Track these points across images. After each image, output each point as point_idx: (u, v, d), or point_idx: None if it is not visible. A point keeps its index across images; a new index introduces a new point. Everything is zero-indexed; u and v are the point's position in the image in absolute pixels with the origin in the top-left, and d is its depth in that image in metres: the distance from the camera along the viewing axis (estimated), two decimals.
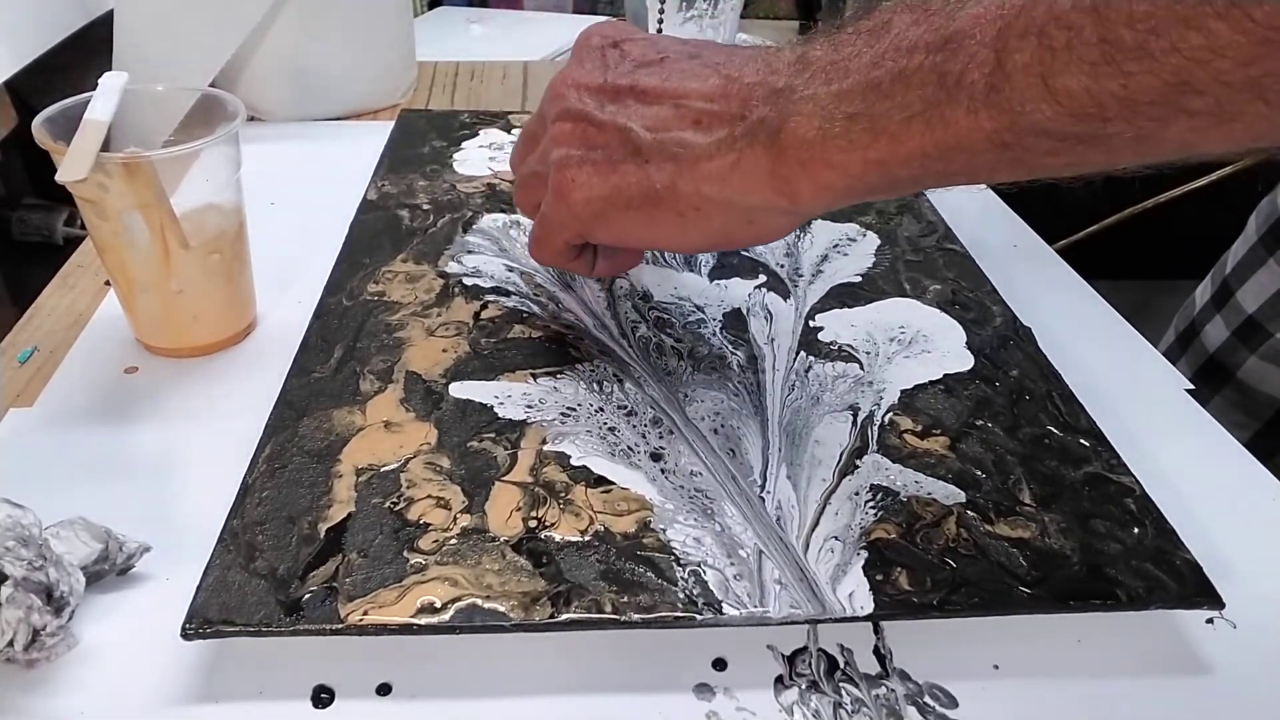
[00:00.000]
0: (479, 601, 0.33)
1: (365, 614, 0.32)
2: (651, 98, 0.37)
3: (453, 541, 0.35)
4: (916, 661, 0.34)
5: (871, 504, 0.38)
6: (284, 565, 0.34)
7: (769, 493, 0.38)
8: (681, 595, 0.33)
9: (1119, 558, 0.36)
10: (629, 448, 0.40)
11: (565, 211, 0.39)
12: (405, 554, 0.34)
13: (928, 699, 0.33)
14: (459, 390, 0.43)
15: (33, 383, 0.46)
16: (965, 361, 0.47)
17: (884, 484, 0.39)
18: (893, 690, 0.33)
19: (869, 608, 0.33)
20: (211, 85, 0.61)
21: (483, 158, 0.67)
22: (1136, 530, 0.37)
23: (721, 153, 0.35)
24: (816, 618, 0.33)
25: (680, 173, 0.36)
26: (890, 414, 0.43)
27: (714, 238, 0.38)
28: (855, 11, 0.32)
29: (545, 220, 0.41)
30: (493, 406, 0.42)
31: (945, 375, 0.46)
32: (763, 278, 0.53)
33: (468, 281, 0.52)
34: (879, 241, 0.58)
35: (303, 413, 0.41)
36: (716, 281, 0.53)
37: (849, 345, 0.48)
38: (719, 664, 0.34)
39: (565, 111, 0.39)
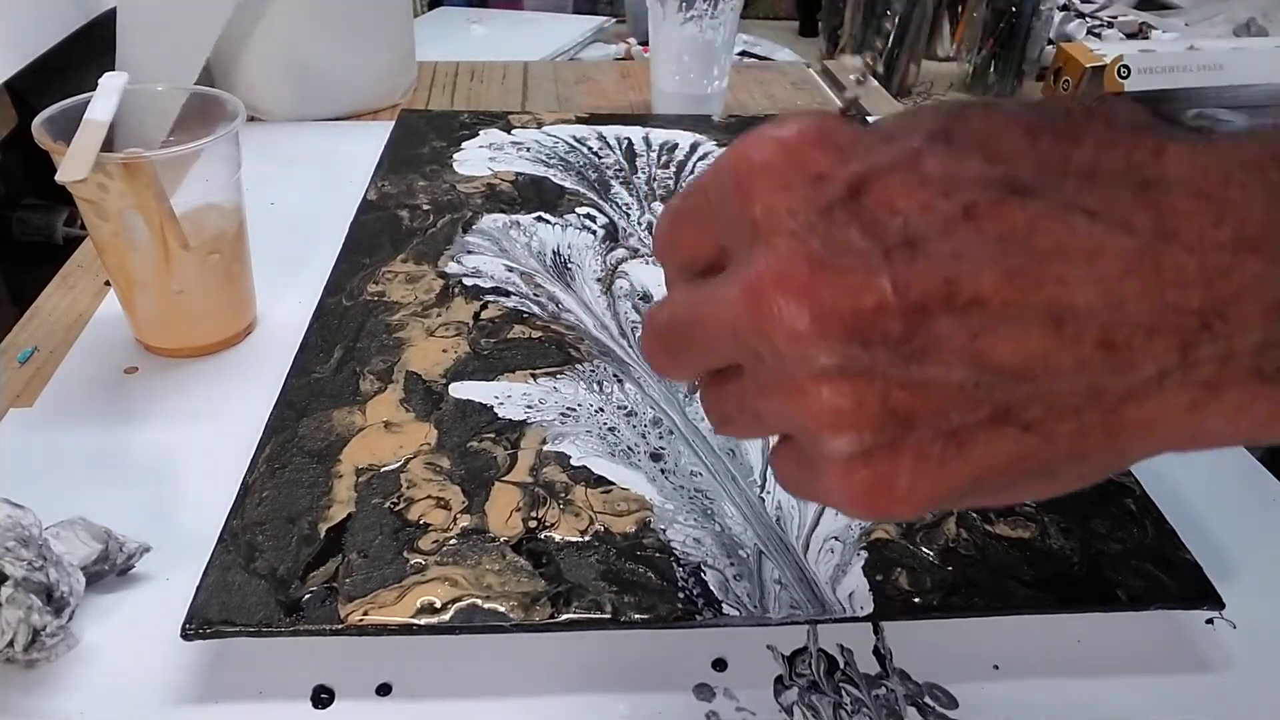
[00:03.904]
0: (479, 601, 0.33)
1: (365, 614, 0.32)
2: (999, 312, 0.19)
3: (453, 542, 0.35)
4: (916, 661, 0.34)
5: None
6: (284, 565, 0.34)
7: (769, 493, 0.38)
8: (681, 595, 0.33)
9: (1119, 558, 0.36)
10: (629, 448, 0.40)
11: (867, 513, 0.22)
12: (405, 554, 0.34)
13: (928, 699, 0.33)
14: (459, 390, 0.43)
15: (33, 383, 0.46)
16: None
17: None
18: (893, 690, 0.33)
19: (869, 608, 0.33)
20: (212, 85, 0.61)
21: (483, 158, 0.67)
22: (1136, 530, 0.37)
23: (1171, 390, 0.19)
24: (816, 618, 0.33)
25: (1089, 432, 0.20)
26: None
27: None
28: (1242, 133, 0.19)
29: (801, 488, 0.24)
30: (493, 407, 0.42)
31: None
32: None
33: (468, 281, 0.52)
34: None
35: (303, 413, 0.41)
36: None
37: None
38: (719, 664, 0.34)
39: (826, 372, 0.20)
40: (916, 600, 0.34)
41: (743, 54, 1.31)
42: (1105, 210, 0.18)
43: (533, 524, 0.36)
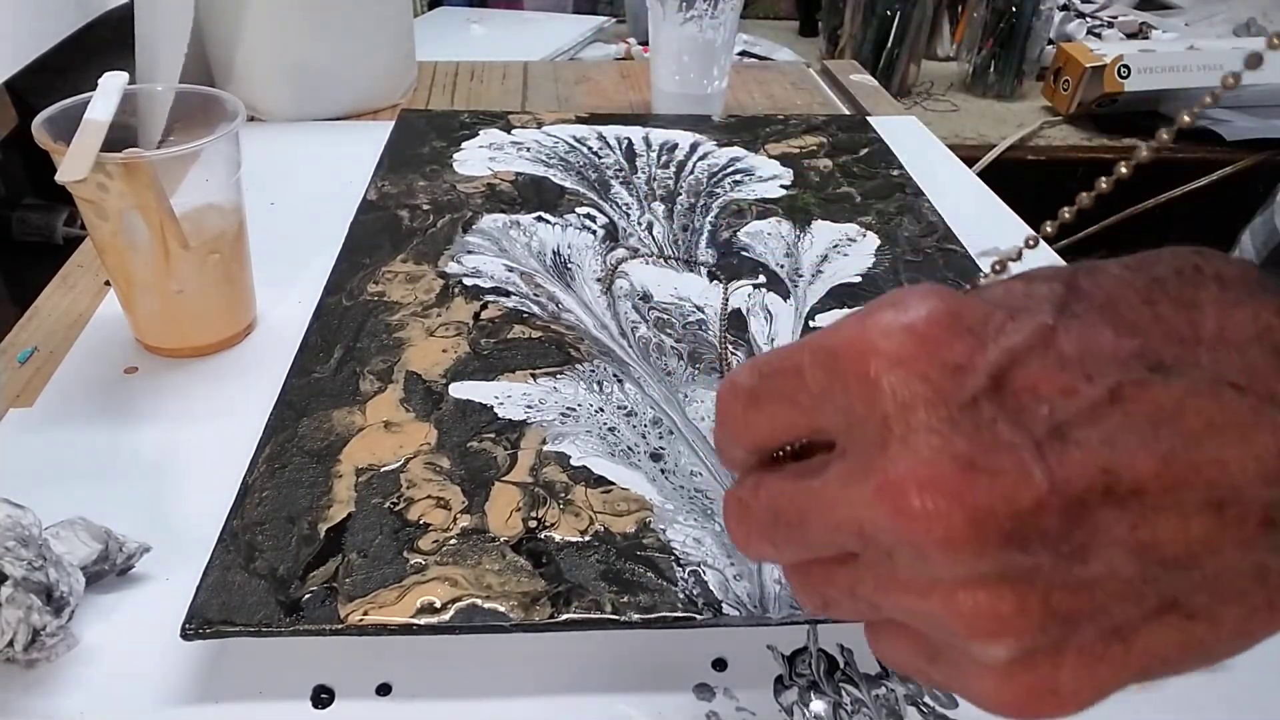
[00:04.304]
0: (479, 601, 0.33)
1: (365, 614, 0.32)
2: (1158, 500, 0.18)
3: (453, 542, 0.35)
4: None
5: None
6: (284, 565, 0.34)
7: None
8: (681, 595, 0.33)
9: None
10: (629, 448, 0.40)
11: (1026, 717, 0.21)
12: (405, 554, 0.34)
13: (927, 699, 0.33)
14: (459, 390, 0.43)
15: (33, 383, 0.46)
16: None
17: None
18: (892, 690, 0.33)
19: None
20: (212, 85, 0.61)
21: (483, 158, 0.67)
22: None
23: None
24: (816, 618, 0.33)
25: (1256, 612, 0.20)
26: None
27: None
28: None
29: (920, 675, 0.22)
30: (493, 406, 0.42)
31: None
32: (763, 278, 0.53)
33: (468, 281, 0.52)
34: (879, 242, 0.58)
35: (303, 413, 0.41)
36: (716, 282, 0.53)
37: None
38: (719, 664, 0.34)
39: (982, 578, 0.19)
40: None
41: (743, 54, 1.31)
42: (1249, 383, 0.18)
43: (533, 524, 0.36)
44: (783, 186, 0.65)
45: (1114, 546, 0.18)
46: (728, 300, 0.51)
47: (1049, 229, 0.22)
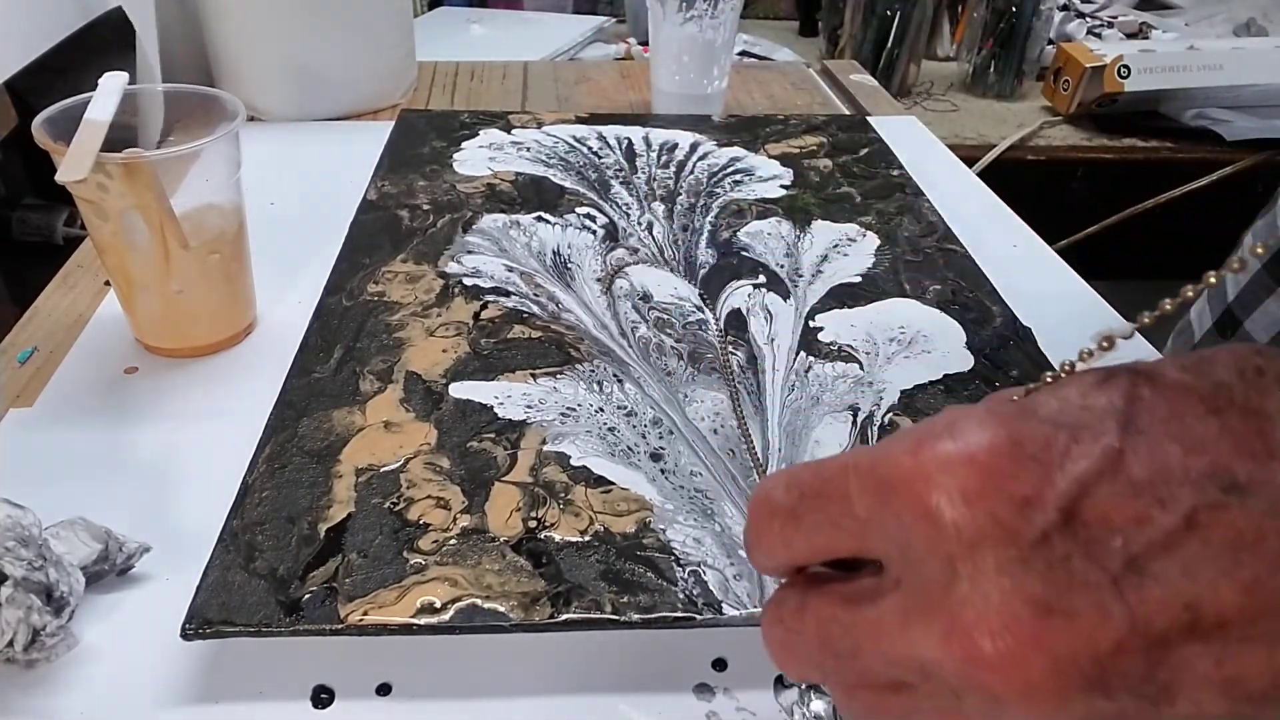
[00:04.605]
0: (479, 601, 0.33)
1: (365, 614, 0.32)
2: (1242, 631, 0.18)
3: (453, 542, 0.35)
4: None
5: None
6: (284, 565, 0.34)
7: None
8: (681, 595, 0.33)
9: None
10: (629, 448, 0.40)
11: None
12: (405, 554, 0.34)
13: None
14: (459, 390, 0.43)
15: (33, 383, 0.46)
16: (965, 362, 0.47)
17: None
18: None
19: None
20: (212, 85, 0.61)
21: (483, 158, 0.67)
22: None
23: None
24: None
25: None
26: (890, 414, 0.43)
27: None
28: None
29: None
30: (493, 407, 0.42)
31: (945, 376, 0.46)
32: (762, 278, 0.53)
33: (468, 281, 0.52)
34: (879, 241, 0.58)
35: (303, 413, 0.41)
36: (717, 282, 0.53)
37: (849, 345, 0.48)
38: (719, 664, 0.34)
39: None
40: None
41: (743, 54, 1.31)
42: None
43: (533, 524, 0.36)
44: (783, 186, 0.65)
45: (1200, 685, 0.17)
46: (720, 311, 0.51)
47: (1146, 319, 0.20)
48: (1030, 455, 0.18)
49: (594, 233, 0.57)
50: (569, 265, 0.54)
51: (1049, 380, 0.20)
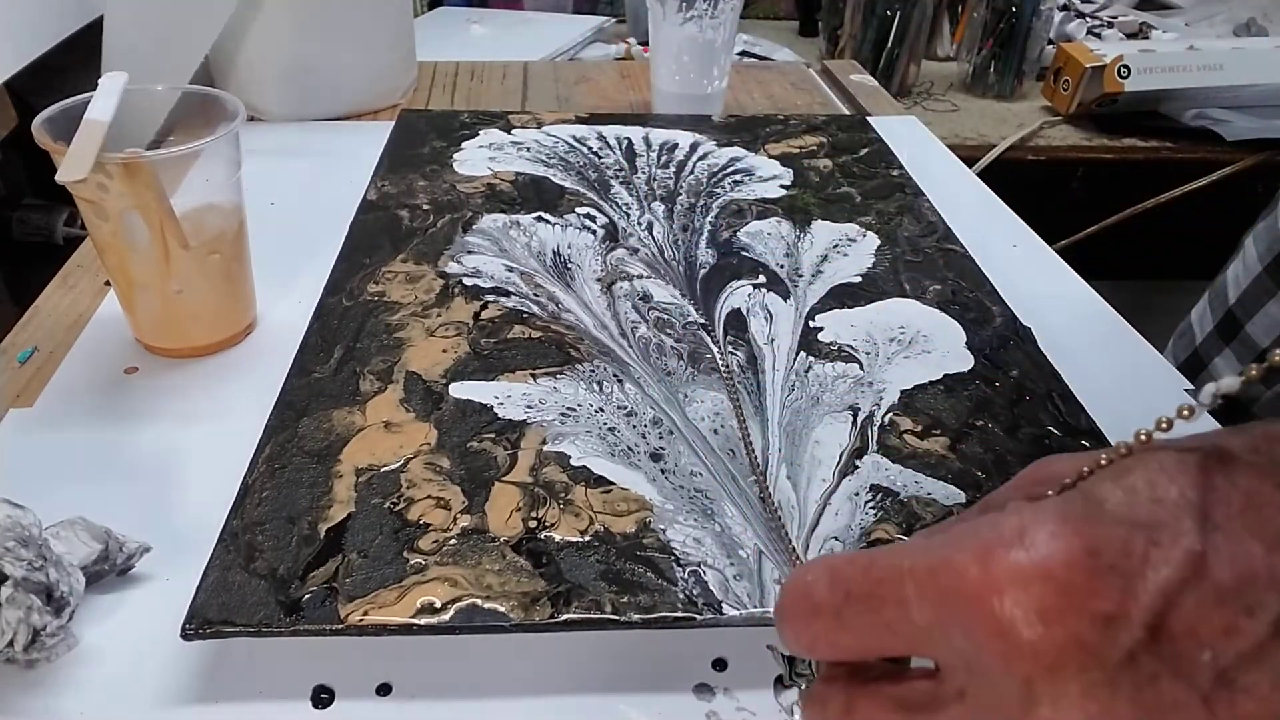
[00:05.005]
0: (479, 601, 0.33)
1: (365, 614, 0.32)
2: None
3: (453, 542, 0.35)
4: None
5: (871, 504, 0.38)
6: (284, 565, 0.34)
7: (769, 493, 0.38)
8: (681, 595, 0.33)
9: None
10: (629, 448, 0.40)
11: None
12: (405, 554, 0.34)
13: None
14: (459, 390, 0.43)
15: (33, 383, 0.46)
16: (965, 362, 0.47)
17: (884, 484, 0.39)
18: None
19: None
20: (212, 85, 0.61)
21: (483, 158, 0.67)
22: None
23: None
24: None
25: None
26: (890, 414, 0.43)
27: None
28: None
29: None
30: (493, 407, 0.42)
31: (945, 375, 0.46)
32: (762, 278, 0.53)
33: (468, 281, 0.52)
34: (879, 241, 0.58)
35: (303, 413, 0.41)
36: (717, 282, 0.53)
37: (849, 345, 0.48)
38: (719, 664, 0.34)
39: None
40: None
41: (743, 54, 1.31)
42: None
43: (533, 524, 0.36)
44: (783, 186, 0.65)
45: None
46: (719, 311, 0.51)
47: (1253, 372, 0.19)
48: (1109, 565, 0.17)
49: (594, 233, 0.57)
50: (569, 265, 0.54)
51: (1115, 457, 0.19)
